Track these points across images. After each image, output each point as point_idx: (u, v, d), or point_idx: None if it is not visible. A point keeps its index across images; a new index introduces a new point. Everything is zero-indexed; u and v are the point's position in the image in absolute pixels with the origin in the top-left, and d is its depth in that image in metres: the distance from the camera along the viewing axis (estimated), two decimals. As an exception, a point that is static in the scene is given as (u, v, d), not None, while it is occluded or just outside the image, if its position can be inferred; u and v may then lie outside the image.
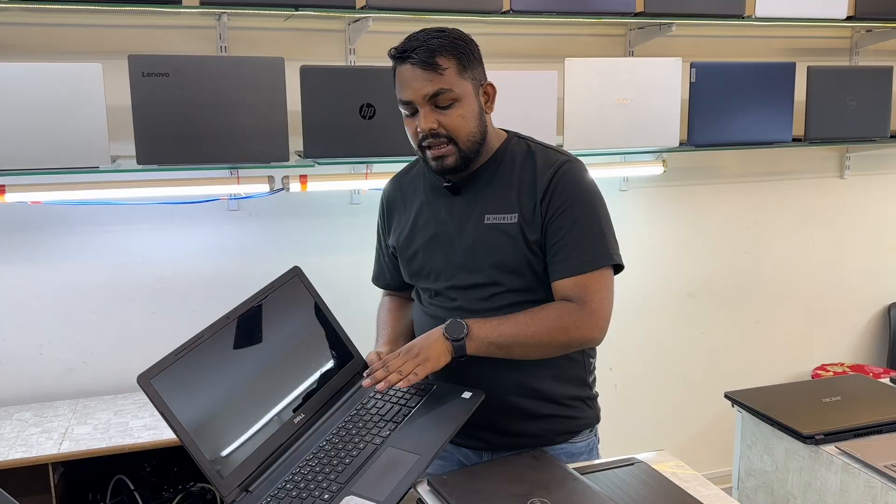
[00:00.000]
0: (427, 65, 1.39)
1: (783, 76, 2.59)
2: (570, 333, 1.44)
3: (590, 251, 1.45)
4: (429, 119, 1.41)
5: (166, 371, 1.24)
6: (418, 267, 1.56)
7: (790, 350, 3.22)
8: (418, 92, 1.40)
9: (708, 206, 3.00)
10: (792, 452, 1.70)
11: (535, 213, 1.45)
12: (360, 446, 1.32)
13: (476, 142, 1.46)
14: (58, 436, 2.06)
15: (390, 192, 1.67)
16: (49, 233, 2.28)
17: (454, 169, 1.45)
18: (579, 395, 1.56)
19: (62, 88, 1.93)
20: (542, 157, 1.50)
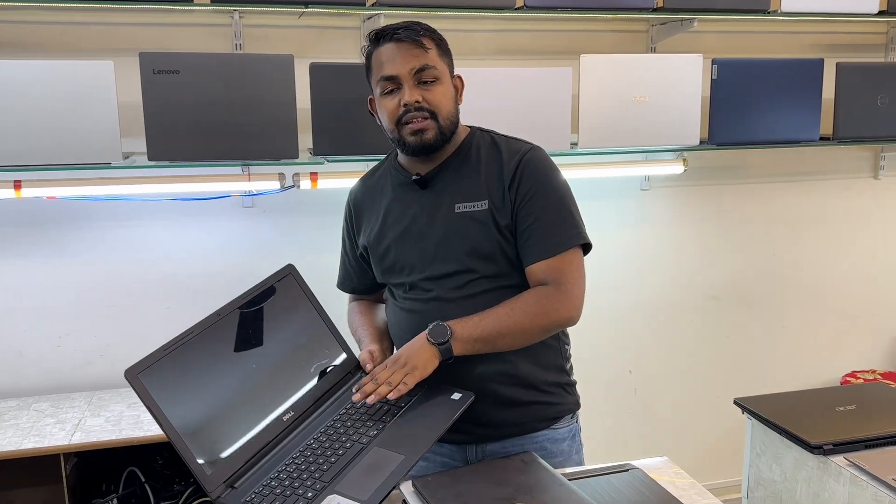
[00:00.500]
0: (414, 41, 1.45)
1: (811, 73, 2.51)
2: (550, 317, 1.46)
3: (559, 233, 1.48)
4: (414, 92, 1.45)
5: (154, 366, 1.25)
6: (391, 262, 1.57)
7: (819, 356, 3.12)
8: (404, 66, 1.45)
9: (733, 207, 2.92)
10: (800, 462, 1.64)
11: (504, 199, 1.48)
12: (346, 445, 1.32)
13: (453, 123, 1.51)
14: (70, 427, 2.10)
15: (357, 194, 1.68)
16: (67, 228, 2.33)
17: (431, 145, 1.48)
18: (558, 381, 1.57)
19: (75, 85, 1.96)
20: (507, 147, 1.54)
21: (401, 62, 1.45)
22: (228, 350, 1.35)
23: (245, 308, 1.40)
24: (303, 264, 2.45)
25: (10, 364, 2.36)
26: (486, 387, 1.48)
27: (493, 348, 1.45)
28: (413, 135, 1.47)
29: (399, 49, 1.45)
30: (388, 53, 1.46)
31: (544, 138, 2.37)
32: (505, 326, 1.43)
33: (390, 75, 1.46)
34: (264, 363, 1.39)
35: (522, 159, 1.50)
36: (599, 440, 2.86)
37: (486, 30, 2.53)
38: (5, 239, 2.30)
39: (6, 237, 2.30)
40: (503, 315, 1.44)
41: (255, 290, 1.43)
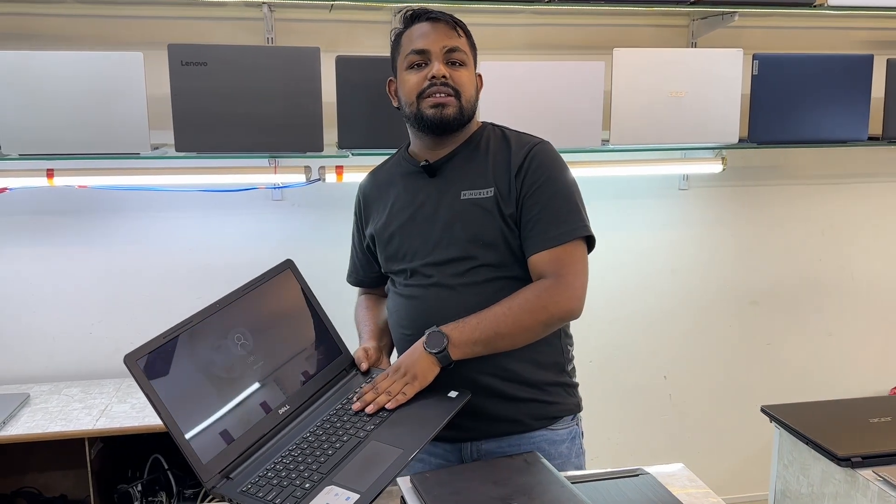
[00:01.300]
0: (450, 24, 1.49)
1: (859, 69, 2.39)
2: (550, 310, 1.43)
3: (563, 224, 1.46)
4: (443, 67, 1.47)
5: (153, 353, 1.25)
6: (395, 249, 1.56)
7: (866, 366, 2.99)
8: (438, 42, 1.47)
9: (776, 209, 2.81)
10: (828, 475, 1.56)
11: (510, 188, 1.48)
12: (343, 439, 1.31)
13: (472, 108, 1.52)
14: (97, 412, 2.14)
15: (366, 186, 1.69)
16: (98, 217, 2.38)
17: (449, 122, 1.48)
18: (557, 380, 1.54)
19: (105, 77, 1.99)
20: (516, 139, 1.55)
21: (434, 38, 1.47)
22: (225, 342, 1.34)
23: (243, 301, 1.39)
24: (329, 258, 2.49)
25: (43, 350, 2.42)
26: (480, 380, 1.46)
27: (493, 349, 1.43)
28: (433, 107, 1.47)
29: (433, 28, 1.48)
30: (421, 30, 1.49)
31: (575, 134, 2.35)
32: (504, 326, 1.41)
33: (421, 49, 1.47)
34: (261, 356, 1.38)
35: (531, 151, 1.50)
36: (629, 444, 2.79)
37: (518, 24, 2.49)
38: (38, 227, 2.36)
39: (39, 225, 2.36)
40: (501, 315, 1.42)
41: (254, 283, 1.43)
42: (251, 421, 1.32)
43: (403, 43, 1.52)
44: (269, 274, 1.46)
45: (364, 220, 1.67)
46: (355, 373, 1.51)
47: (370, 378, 1.47)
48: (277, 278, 1.47)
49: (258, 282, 1.43)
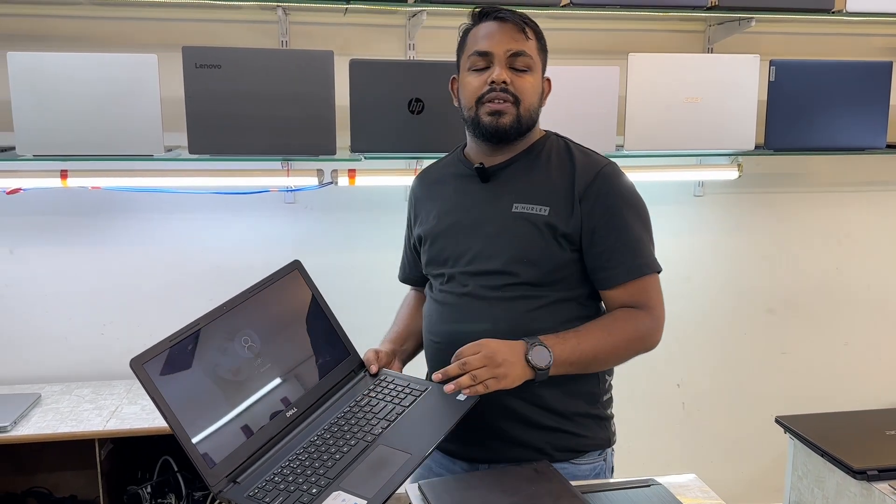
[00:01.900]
0: (517, 25, 1.42)
1: (878, 76, 2.36)
2: (645, 343, 1.42)
3: (642, 255, 1.43)
4: (505, 72, 1.40)
5: (160, 356, 1.24)
6: (436, 252, 1.52)
7: (884, 377, 2.94)
8: (503, 45, 1.41)
9: (793, 216, 2.78)
10: (843, 487, 1.53)
11: (572, 209, 1.41)
12: (351, 442, 1.29)
13: (532, 117, 1.46)
14: (107, 413, 2.14)
15: (418, 184, 1.65)
16: (111, 218, 2.38)
17: (506, 131, 1.43)
18: (589, 412, 1.47)
19: (120, 78, 1.99)
20: (582, 157, 1.47)
21: (499, 41, 1.41)
22: (233, 344, 1.34)
23: (250, 302, 1.38)
24: (340, 261, 2.49)
25: (55, 350, 2.43)
26: (507, 402, 1.41)
27: (583, 371, 1.40)
28: (490, 115, 1.42)
29: (500, 28, 1.42)
30: (487, 30, 1.43)
31: (589, 139, 2.30)
32: (602, 350, 1.38)
33: (484, 51, 1.42)
34: (268, 359, 1.37)
35: (600, 173, 1.43)
36: (641, 453, 2.77)
37: (532, 28, 2.47)
38: (52, 227, 2.37)
39: (53, 225, 2.37)
40: (602, 338, 1.38)
41: (261, 285, 1.42)
42: (258, 424, 1.31)
43: (468, 42, 1.47)
44: (277, 275, 1.45)
45: (413, 219, 1.64)
46: (364, 374, 1.49)
47: (379, 380, 1.45)
48: (285, 279, 1.45)
49: (265, 283, 1.42)
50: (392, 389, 1.42)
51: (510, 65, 1.41)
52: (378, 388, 1.44)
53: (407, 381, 1.44)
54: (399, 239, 2.50)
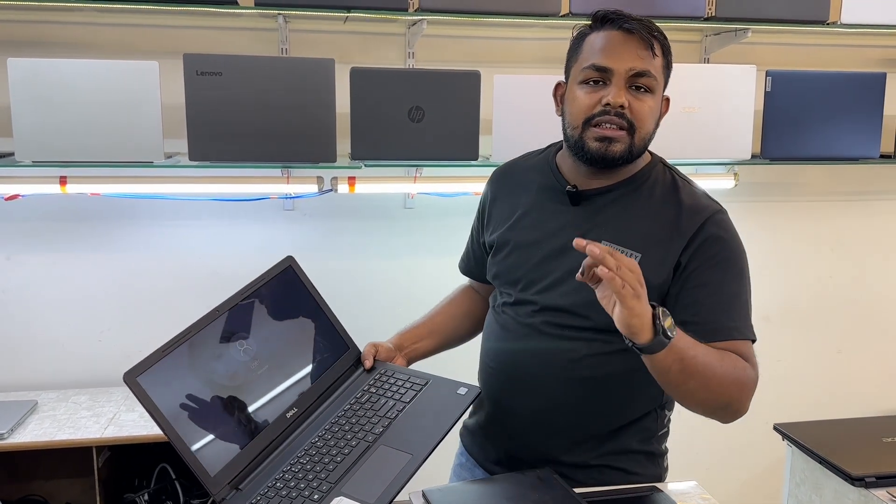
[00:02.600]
0: (646, 39, 1.26)
1: (872, 87, 2.39)
2: (741, 396, 1.26)
3: (739, 318, 1.29)
4: (622, 93, 1.25)
5: (153, 368, 1.22)
6: (506, 268, 1.42)
7: (877, 385, 2.97)
8: (625, 62, 1.25)
9: (788, 225, 2.81)
10: (841, 494, 1.54)
11: (665, 258, 1.29)
12: (352, 444, 1.29)
13: (645, 145, 1.32)
14: (105, 421, 2.14)
15: (498, 181, 1.51)
16: (110, 224, 2.38)
17: (614, 160, 1.28)
18: (642, 448, 1.42)
19: (120, 85, 2.00)
20: (690, 198, 1.33)
21: (621, 56, 1.25)
22: (227, 349, 1.32)
23: (244, 304, 1.37)
24: (339, 269, 2.49)
25: (52, 357, 2.42)
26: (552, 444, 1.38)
27: (678, 381, 1.21)
28: (599, 141, 1.27)
29: (625, 41, 1.26)
30: (609, 41, 1.27)
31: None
32: (710, 369, 1.20)
33: (604, 66, 1.26)
34: (265, 360, 1.35)
35: (708, 221, 1.30)
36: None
37: (531, 38, 2.49)
38: (50, 233, 2.36)
39: (51, 232, 2.36)
40: (716, 357, 1.22)
41: (254, 284, 1.40)
42: (259, 428, 1.30)
43: (584, 49, 1.31)
44: (270, 273, 1.42)
45: (486, 217, 1.51)
46: (362, 370, 1.47)
47: (379, 375, 1.44)
48: (278, 277, 1.43)
49: (258, 283, 1.40)
50: (392, 384, 1.41)
51: (630, 84, 1.26)
52: (378, 384, 1.42)
53: (407, 375, 1.43)
54: (399, 247, 2.54)
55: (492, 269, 1.48)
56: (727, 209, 1.38)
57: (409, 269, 2.55)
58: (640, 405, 1.41)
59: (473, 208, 1.60)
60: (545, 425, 1.40)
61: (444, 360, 1.61)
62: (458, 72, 2.15)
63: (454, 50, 2.46)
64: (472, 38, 2.45)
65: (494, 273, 1.47)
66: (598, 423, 1.39)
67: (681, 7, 2.31)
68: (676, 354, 1.17)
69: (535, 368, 1.38)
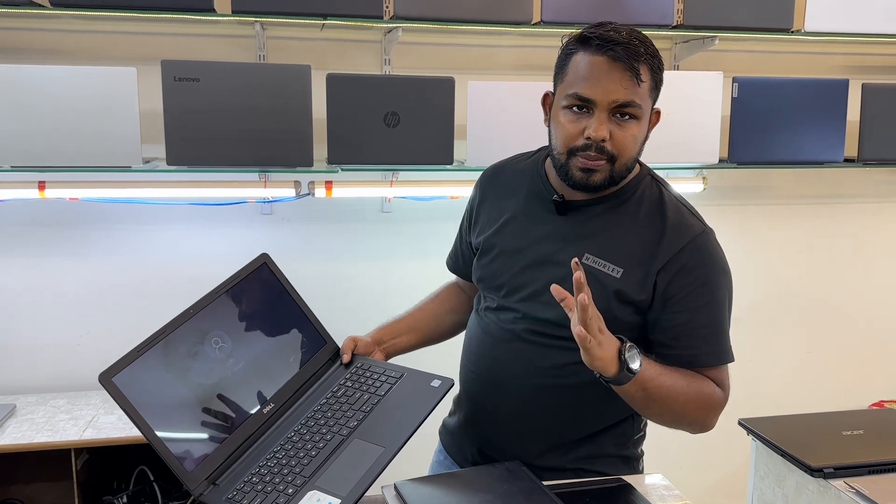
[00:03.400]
0: (631, 69, 1.23)
1: (835, 93, 2.46)
2: (707, 416, 1.33)
3: (714, 345, 1.33)
4: (604, 127, 1.25)
5: (128, 368, 1.24)
6: (491, 273, 1.44)
7: (845, 383, 3.04)
8: (608, 94, 1.24)
9: (756, 228, 2.87)
10: (801, 486, 1.60)
11: (647, 276, 1.31)
12: (326, 437, 1.32)
13: (628, 169, 1.33)
14: (83, 423, 2.15)
15: (487, 182, 1.53)
16: (88, 229, 2.40)
17: (595, 188, 1.31)
18: (619, 453, 1.46)
19: (99, 91, 2.02)
20: (675, 216, 1.34)
21: (605, 88, 1.24)
22: (203, 347, 1.34)
23: (219, 301, 1.38)
24: (318, 272, 2.52)
25: (30, 361, 2.43)
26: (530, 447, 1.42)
27: (642, 405, 1.29)
28: (582, 171, 1.29)
29: (609, 70, 1.23)
30: (594, 69, 1.25)
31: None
32: (674, 394, 1.27)
33: (586, 98, 1.26)
34: (242, 356, 1.37)
35: (690, 244, 1.31)
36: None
37: (504, 45, 2.54)
38: (29, 238, 2.37)
39: (30, 236, 2.37)
40: (680, 383, 1.28)
41: (230, 282, 1.41)
42: (236, 424, 1.32)
43: (570, 71, 1.30)
44: (244, 271, 1.44)
45: (474, 218, 1.52)
46: (339, 363, 1.49)
47: (355, 368, 1.47)
48: (253, 275, 1.44)
49: (233, 280, 1.42)
50: (368, 378, 1.44)
51: (614, 112, 1.26)
52: (354, 378, 1.45)
53: (383, 368, 1.46)
54: (376, 250, 2.57)
55: (476, 272, 1.50)
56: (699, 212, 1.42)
57: (387, 272, 2.59)
58: (618, 411, 1.44)
59: (449, 212, 1.63)
60: (523, 429, 1.44)
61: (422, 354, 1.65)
62: (432, 78, 2.19)
63: (429, 57, 2.50)
64: (447, 45, 2.50)
65: (479, 276, 1.50)
66: (575, 428, 1.43)
67: (650, 15, 2.37)
68: (640, 385, 1.24)
69: (516, 374, 1.41)
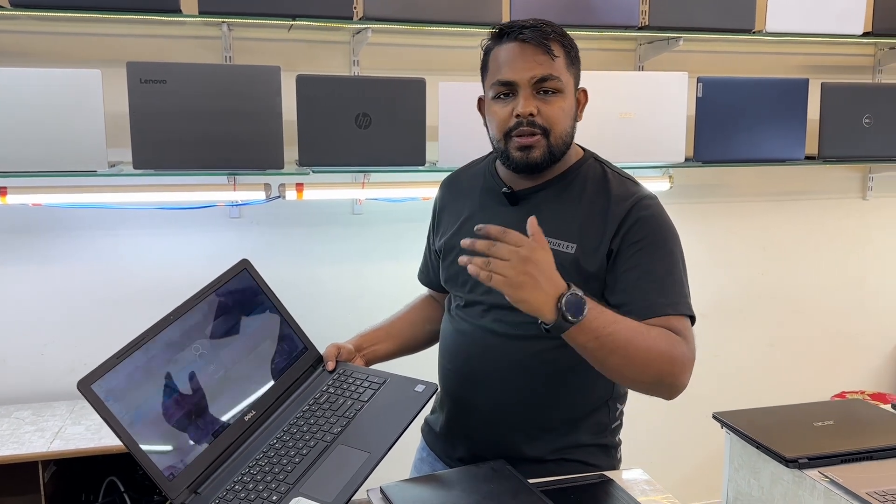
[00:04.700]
0: (542, 45, 1.30)
1: (796, 92, 2.53)
2: (673, 367, 1.27)
3: (672, 295, 1.32)
4: (530, 103, 1.31)
5: (108, 375, 1.22)
6: (455, 272, 1.47)
7: (807, 376, 3.11)
8: (526, 72, 1.30)
9: (720, 225, 2.93)
10: (776, 476, 1.63)
11: (599, 244, 1.34)
12: (310, 444, 1.30)
13: (565, 143, 1.37)
14: (50, 435, 2.09)
15: (446, 190, 1.58)
16: (52, 235, 2.34)
17: (537, 164, 1.35)
18: (597, 442, 1.47)
19: (63, 93, 1.98)
20: (619, 187, 1.38)
21: (521, 67, 1.31)
22: (183, 354, 1.32)
23: (199, 308, 1.36)
24: (289, 275, 2.50)
25: (-8, 371, 2.36)
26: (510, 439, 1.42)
27: (598, 358, 1.25)
28: (519, 150, 1.34)
29: (523, 51, 1.31)
30: (509, 54, 1.32)
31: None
32: (633, 346, 1.23)
33: (508, 80, 1.32)
34: (223, 362, 1.35)
35: (635, 206, 1.34)
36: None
37: (474, 46, 2.53)
38: (-10, 245, 2.31)
39: (-9, 243, 2.31)
40: (639, 332, 1.24)
41: (210, 288, 1.39)
42: (217, 431, 1.31)
43: (490, 66, 1.37)
44: (225, 277, 1.42)
45: (436, 224, 1.57)
46: (322, 370, 1.49)
47: (337, 375, 1.46)
48: (233, 280, 1.43)
49: (213, 286, 1.40)
50: (351, 384, 1.43)
51: (537, 90, 1.31)
52: (337, 384, 1.44)
53: (365, 374, 1.45)
54: (348, 252, 2.55)
55: (443, 275, 1.53)
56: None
57: (358, 274, 2.58)
58: (593, 397, 1.47)
59: (421, 213, 1.64)
60: (501, 421, 1.45)
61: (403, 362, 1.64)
62: (404, 79, 2.19)
63: (398, 58, 2.50)
64: (415, 46, 2.50)
65: (445, 278, 1.53)
66: (552, 416, 1.44)
67: (617, 16, 2.40)
68: (591, 333, 1.20)
69: (489, 366, 1.43)
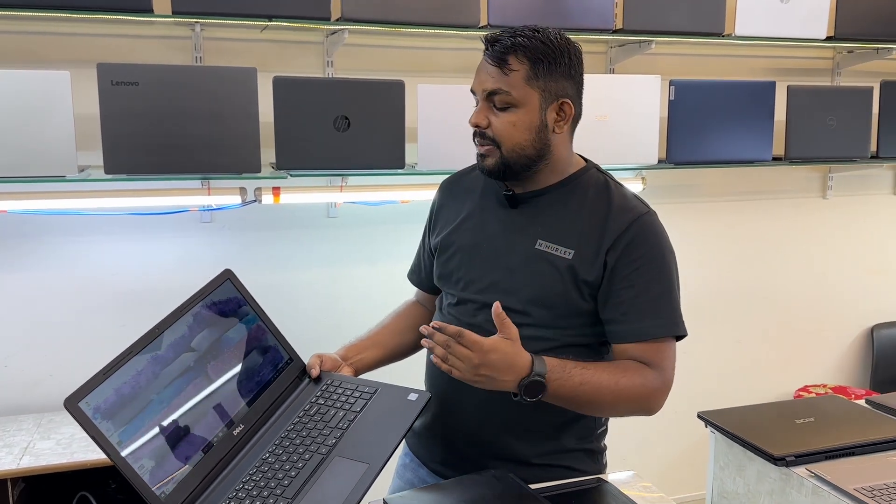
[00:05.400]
0: (497, 61, 1.35)
1: (763, 95, 2.58)
2: (648, 403, 1.38)
3: (663, 316, 1.38)
4: (479, 115, 1.38)
5: (94, 392, 1.17)
6: (450, 269, 1.49)
7: (772, 371, 3.19)
8: (478, 84, 1.38)
9: (688, 225, 2.98)
10: (763, 474, 1.66)
11: (597, 254, 1.37)
12: (305, 457, 1.27)
13: (525, 155, 1.37)
14: (18, 451, 2.01)
15: (446, 189, 1.60)
16: (18, 243, 2.25)
17: (494, 173, 1.39)
18: (582, 447, 1.49)
19: (30, 96, 1.90)
20: (620, 200, 1.41)
21: (477, 79, 1.38)
22: (171, 366, 1.28)
23: (183, 321, 1.33)
24: (263, 281, 2.44)
25: (-47, 385, 2.26)
26: (496, 440, 1.43)
27: (574, 408, 1.36)
28: (479, 156, 1.41)
29: (484, 64, 1.37)
30: (479, 66, 1.40)
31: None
32: (602, 399, 1.33)
33: (472, 90, 1.41)
34: (208, 377, 1.32)
35: (635, 222, 1.38)
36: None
37: (450, 48, 2.54)
38: (-48, 254, 2.21)
39: (-48, 252, 2.21)
40: (606, 385, 1.32)
41: (193, 300, 1.36)
42: (207, 446, 1.27)
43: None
44: (208, 288, 1.39)
45: (433, 223, 1.59)
46: (308, 381, 1.46)
47: (325, 385, 1.43)
48: (217, 291, 1.39)
49: (197, 298, 1.36)
50: (341, 394, 1.40)
51: (491, 103, 1.36)
52: (326, 395, 1.41)
53: (355, 384, 1.43)
54: (323, 257, 2.52)
55: (437, 271, 1.54)
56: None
57: (335, 278, 2.54)
58: None
59: (398, 216, 1.61)
60: (488, 422, 1.45)
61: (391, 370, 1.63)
62: (382, 81, 2.17)
63: (372, 59, 2.47)
64: (391, 47, 2.47)
65: (438, 274, 1.53)
66: (538, 419, 1.44)
67: (590, 20, 2.42)
68: (559, 398, 1.31)
69: None
